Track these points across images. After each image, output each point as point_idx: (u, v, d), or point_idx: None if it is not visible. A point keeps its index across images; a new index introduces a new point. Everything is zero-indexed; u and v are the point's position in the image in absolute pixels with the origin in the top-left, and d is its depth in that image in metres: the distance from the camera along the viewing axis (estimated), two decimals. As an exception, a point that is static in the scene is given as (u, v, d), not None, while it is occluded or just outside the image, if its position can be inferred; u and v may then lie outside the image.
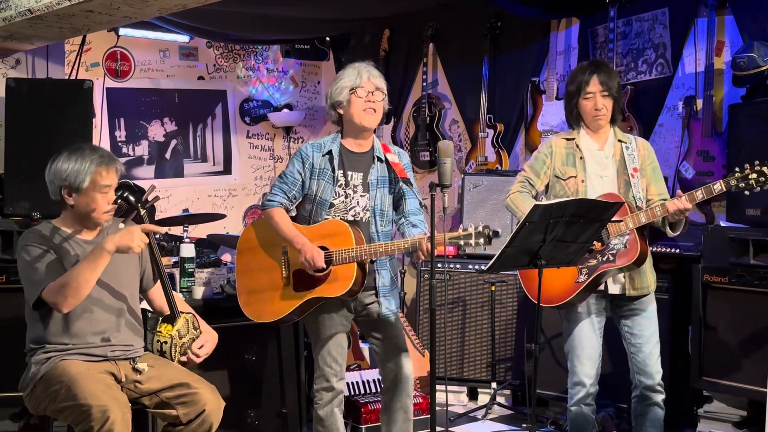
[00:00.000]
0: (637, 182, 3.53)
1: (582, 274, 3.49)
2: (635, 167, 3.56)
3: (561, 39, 5.50)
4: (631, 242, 3.43)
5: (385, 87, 3.49)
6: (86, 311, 3.12)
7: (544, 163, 3.67)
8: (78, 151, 3.13)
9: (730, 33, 4.69)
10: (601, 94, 3.55)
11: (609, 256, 3.46)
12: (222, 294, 4.07)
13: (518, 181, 3.72)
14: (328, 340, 3.49)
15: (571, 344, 3.61)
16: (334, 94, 3.47)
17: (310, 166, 3.48)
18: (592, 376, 3.58)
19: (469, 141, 6.06)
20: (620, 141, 3.61)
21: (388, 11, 6.10)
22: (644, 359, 3.56)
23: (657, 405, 3.58)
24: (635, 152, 3.57)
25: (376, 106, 3.44)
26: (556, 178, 3.64)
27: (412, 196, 3.51)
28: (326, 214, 3.45)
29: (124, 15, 3.91)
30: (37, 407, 3.13)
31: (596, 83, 3.54)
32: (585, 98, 3.57)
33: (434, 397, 3.17)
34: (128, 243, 2.99)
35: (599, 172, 3.59)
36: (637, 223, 3.41)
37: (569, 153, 3.63)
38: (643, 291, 3.55)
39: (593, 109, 3.56)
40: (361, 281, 3.37)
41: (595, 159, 3.61)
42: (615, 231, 3.44)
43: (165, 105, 6.43)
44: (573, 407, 3.63)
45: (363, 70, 3.45)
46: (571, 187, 3.58)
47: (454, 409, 5.01)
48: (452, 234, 3.20)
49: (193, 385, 3.11)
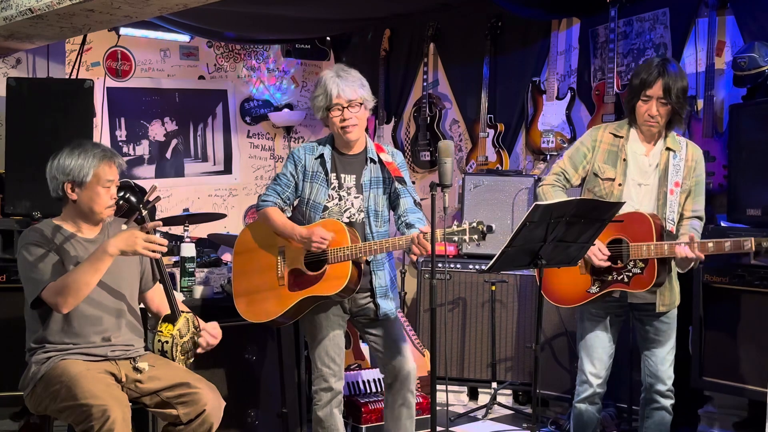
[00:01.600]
0: (675, 199, 3.38)
1: (594, 286, 3.44)
2: (677, 181, 3.39)
3: (562, 39, 5.51)
4: (648, 269, 3.33)
5: (361, 92, 3.40)
6: (87, 311, 3.12)
7: (585, 157, 3.53)
8: (80, 147, 3.14)
9: (730, 33, 4.69)
10: (659, 101, 3.35)
11: (624, 277, 3.38)
12: (222, 293, 4.07)
13: (554, 172, 3.58)
14: (325, 341, 3.49)
15: (583, 343, 3.58)
16: (313, 110, 3.47)
17: (303, 168, 3.48)
18: (600, 377, 3.56)
19: (469, 141, 6.06)
20: (669, 149, 3.43)
21: (388, 11, 6.10)
22: (657, 364, 3.52)
23: (665, 409, 3.56)
24: (682, 162, 3.40)
25: (354, 120, 3.41)
26: (594, 175, 3.51)
27: (407, 194, 3.48)
28: (320, 217, 3.45)
29: (125, 14, 3.91)
30: (38, 407, 3.13)
31: (659, 88, 3.33)
32: (643, 99, 3.38)
33: (435, 396, 3.18)
34: (133, 247, 2.99)
35: (639, 180, 3.46)
36: (660, 254, 3.29)
37: (613, 151, 3.48)
38: (671, 306, 3.49)
39: (647, 114, 3.38)
40: (356, 279, 3.37)
41: (638, 165, 3.45)
42: (636, 254, 3.33)
43: (165, 104, 6.43)
44: (578, 404, 3.62)
45: (332, 85, 3.37)
46: (606, 187, 3.47)
47: (455, 408, 5.02)
48: (447, 230, 3.18)
49: (193, 385, 3.11)
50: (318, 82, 3.46)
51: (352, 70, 3.46)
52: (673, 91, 3.33)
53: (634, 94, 3.42)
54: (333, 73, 3.43)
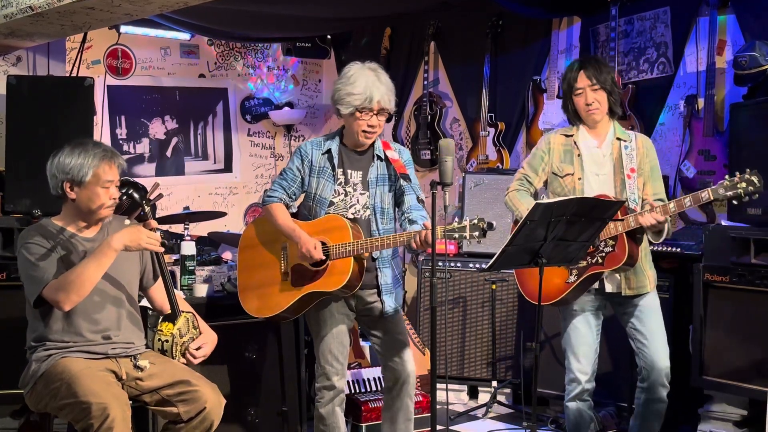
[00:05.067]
0: (633, 183, 3.51)
1: (572, 275, 3.49)
2: (632, 167, 3.53)
3: (562, 38, 5.50)
4: (619, 245, 3.41)
5: (392, 101, 3.41)
6: (87, 309, 3.12)
7: (542, 159, 3.67)
8: (81, 146, 3.14)
9: (731, 32, 4.69)
10: (591, 89, 3.52)
11: (598, 258, 3.45)
12: (223, 292, 4.07)
13: (516, 179, 3.72)
14: (329, 338, 3.49)
15: (567, 341, 3.63)
16: (338, 100, 3.39)
17: (309, 163, 3.48)
18: (587, 372, 3.59)
19: (470, 139, 6.06)
20: (619, 139, 3.59)
21: (389, 10, 6.10)
22: (651, 355, 3.54)
23: (661, 399, 3.58)
24: (634, 152, 3.55)
25: (378, 128, 3.42)
26: (554, 175, 3.64)
27: (411, 192, 3.48)
28: (325, 212, 3.45)
29: (125, 12, 3.91)
30: (38, 404, 3.13)
31: (584, 78, 3.52)
32: (576, 95, 3.56)
33: (434, 395, 3.17)
34: (137, 241, 3.00)
35: (596, 170, 3.58)
36: (627, 227, 3.38)
37: (567, 150, 3.63)
38: (639, 290, 3.55)
39: (585, 104, 3.55)
40: (358, 275, 3.37)
41: (592, 157, 3.60)
42: (605, 234, 3.41)
43: (166, 103, 6.43)
44: (569, 403, 3.65)
45: (375, 90, 3.33)
46: (568, 184, 3.59)
47: (455, 407, 5.02)
48: (447, 227, 3.18)
49: (193, 383, 3.11)
50: (352, 77, 3.36)
51: (386, 74, 3.43)
52: (598, 76, 3.51)
53: (567, 95, 3.61)
54: (372, 74, 3.36)
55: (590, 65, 3.54)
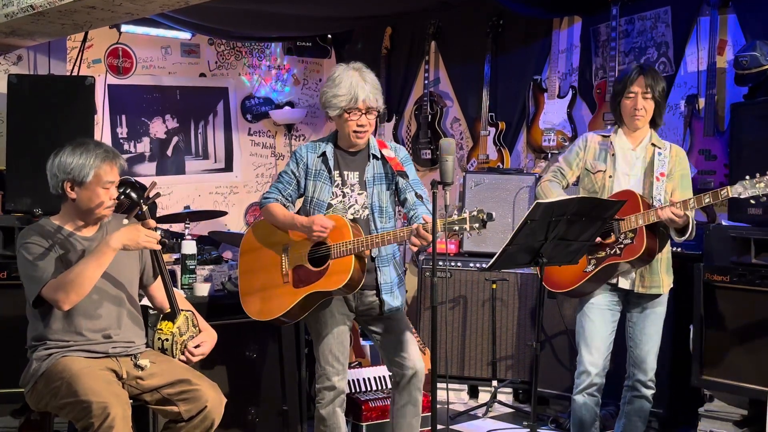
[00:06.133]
0: (661, 186, 3.56)
1: (590, 264, 3.54)
2: (662, 172, 3.59)
3: (563, 37, 5.50)
4: (638, 238, 3.46)
5: (379, 99, 3.40)
6: (87, 308, 3.12)
7: (578, 155, 3.73)
8: (82, 146, 3.13)
9: (732, 32, 4.69)
10: (643, 95, 3.58)
11: (617, 250, 3.50)
12: (223, 291, 4.07)
13: (551, 170, 3.80)
14: (329, 338, 3.48)
15: (581, 334, 3.65)
16: (326, 103, 3.40)
17: (305, 166, 3.49)
18: (598, 366, 3.60)
19: (470, 139, 6.06)
20: (654, 145, 3.65)
21: (390, 9, 6.10)
22: (641, 355, 3.63)
23: (645, 398, 3.66)
24: (666, 158, 3.60)
25: (368, 127, 3.41)
26: (587, 171, 3.70)
27: (410, 189, 3.46)
28: (324, 215, 3.44)
29: (126, 11, 3.91)
30: (38, 403, 3.13)
31: (641, 83, 3.57)
32: (627, 97, 3.61)
33: (435, 395, 3.17)
34: (136, 240, 3.01)
35: (627, 170, 3.65)
36: (647, 220, 3.43)
37: (603, 149, 3.69)
38: (652, 290, 3.59)
39: (633, 108, 3.60)
40: (359, 274, 3.36)
41: (625, 158, 3.66)
42: (626, 226, 3.48)
43: (167, 102, 6.43)
44: (576, 396, 3.66)
45: (359, 90, 3.33)
46: (599, 180, 3.65)
47: (455, 407, 5.01)
48: (448, 219, 3.16)
49: (194, 382, 3.11)
50: (337, 78, 3.37)
51: (371, 72, 3.42)
52: (653, 85, 3.58)
53: (619, 94, 3.66)
54: (357, 74, 3.36)
55: (649, 73, 3.60)
